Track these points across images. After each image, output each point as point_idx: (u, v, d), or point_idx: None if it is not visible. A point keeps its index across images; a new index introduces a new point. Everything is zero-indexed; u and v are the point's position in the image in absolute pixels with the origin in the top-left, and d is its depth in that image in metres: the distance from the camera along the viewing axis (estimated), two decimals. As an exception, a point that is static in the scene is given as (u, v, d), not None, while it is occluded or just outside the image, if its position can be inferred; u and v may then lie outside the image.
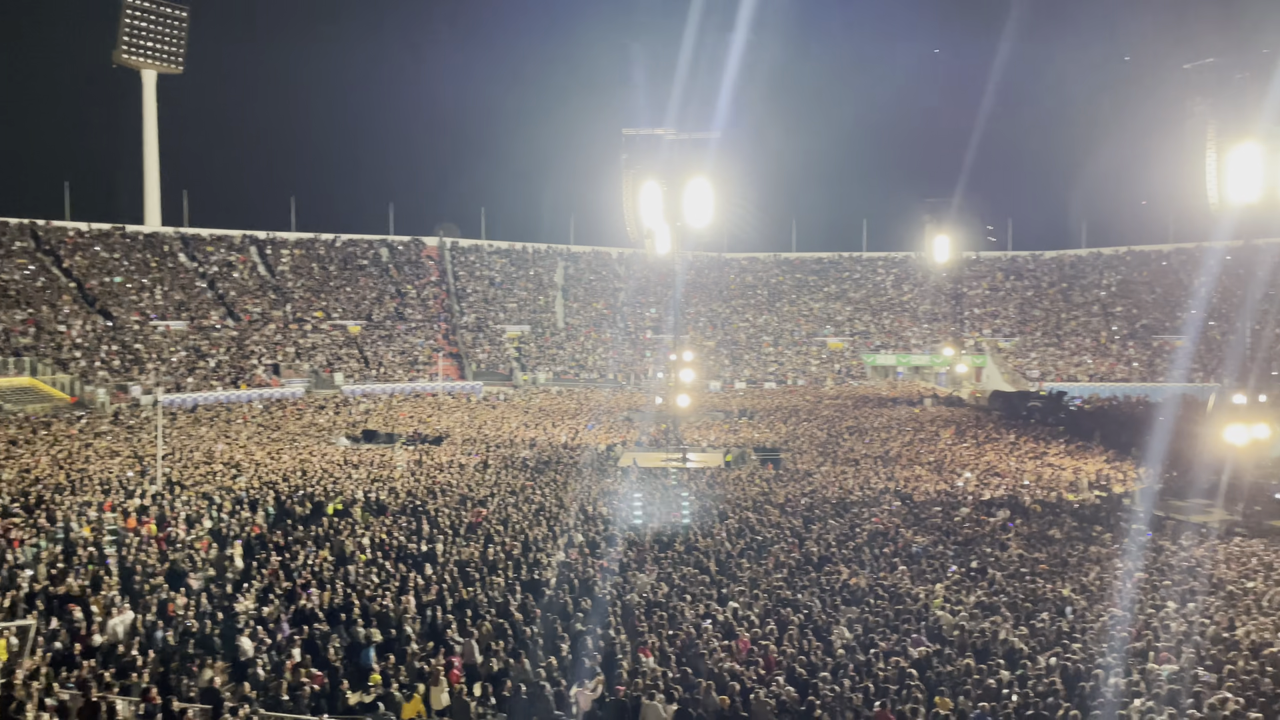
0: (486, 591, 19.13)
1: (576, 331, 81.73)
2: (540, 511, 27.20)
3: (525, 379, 72.41)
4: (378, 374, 67.50)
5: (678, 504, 27.28)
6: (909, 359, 79.87)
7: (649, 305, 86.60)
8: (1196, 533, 26.81)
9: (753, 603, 18.75)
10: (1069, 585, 20.43)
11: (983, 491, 32.70)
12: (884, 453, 40.92)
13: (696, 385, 60.88)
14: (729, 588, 19.76)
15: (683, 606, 18.20)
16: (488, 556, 22.01)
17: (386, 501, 27.95)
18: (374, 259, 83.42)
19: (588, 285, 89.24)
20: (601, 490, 31.14)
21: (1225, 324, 75.74)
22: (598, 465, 36.89)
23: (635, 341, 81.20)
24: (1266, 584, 20.97)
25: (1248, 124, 29.99)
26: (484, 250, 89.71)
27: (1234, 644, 16.55)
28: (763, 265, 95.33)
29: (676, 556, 22.38)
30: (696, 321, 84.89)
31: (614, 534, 24.29)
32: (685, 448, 41.79)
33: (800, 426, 48.85)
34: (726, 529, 25.38)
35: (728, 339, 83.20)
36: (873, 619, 17.68)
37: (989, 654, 15.76)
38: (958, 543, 24.58)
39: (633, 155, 42.91)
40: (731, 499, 29.98)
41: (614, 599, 18.66)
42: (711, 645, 15.92)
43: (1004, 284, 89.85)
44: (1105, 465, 37.86)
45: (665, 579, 20.30)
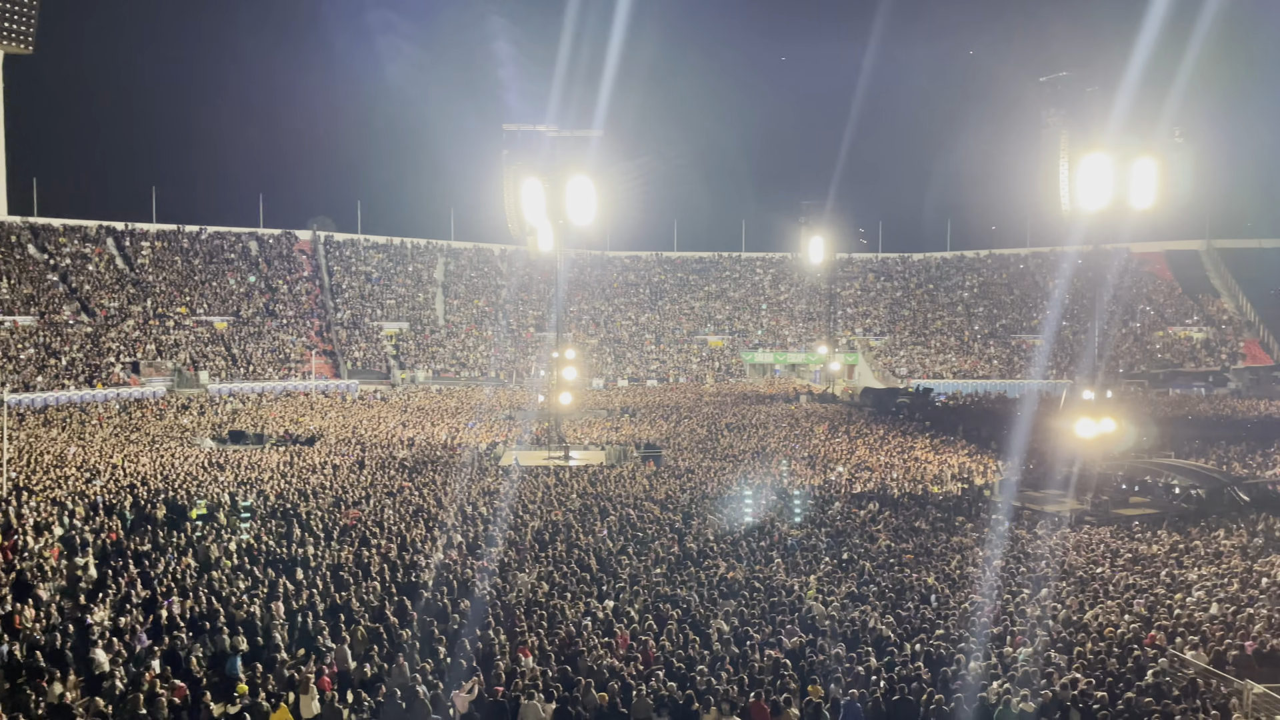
0: (361, 595, 18.65)
1: (457, 329, 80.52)
2: (418, 512, 26.69)
3: (404, 377, 70.89)
4: (246, 372, 64.88)
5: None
6: (786, 357, 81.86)
7: (531, 302, 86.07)
8: (1050, 522, 28.40)
9: (633, 599, 18.87)
10: (933, 574, 21.33)
11: (854, 485, 33.80)
12: (761, 448, 41.82)
13: (579, 383, 60.77)
14: (609, 585, 19.84)
15: (563, 605, 18.17)
16: (362, 559, 21.46)
17: (255, 505, 26.90)
18: (242, 252, 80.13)
19: (469, 282, 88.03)
20: (482, 490, 30.78)
21: (1077, 324, 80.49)
22: (478, 464, 36.44)
23: (518, 339, 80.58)
24: (1112, 569, 22.39)
25: (1097, 135, 31.94)
26: (360, 245, 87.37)
27: (1083, 627, 17.61)
28: (645, 264, 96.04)
29: (557, 555, 22.32)
30: (579, 319, 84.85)
31: (494, 534, 24.04)
32: (568, 445, 41.72)
33: (681, 423, 49.45)
34: (608, 526, 25.47)
35: (610, 337, 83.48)
36: (749, 611, 18.05)
37: (859, 642, 16.31)
38: (830, 535, 25.33)
39: (513, 151, 42.49)
40: (613, 496, 30.10)
41: (493, 599, 18.48)
42: (591, 643, 15.95)
43: (875, 285, 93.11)
44: (967, 459, 39.69)
45: (546, 578, 20.22)
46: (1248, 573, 21.69)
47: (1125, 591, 20.08)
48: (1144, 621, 17.88)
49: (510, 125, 42.19)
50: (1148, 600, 19.32)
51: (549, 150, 41.71)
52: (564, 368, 46.34)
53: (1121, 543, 25.64)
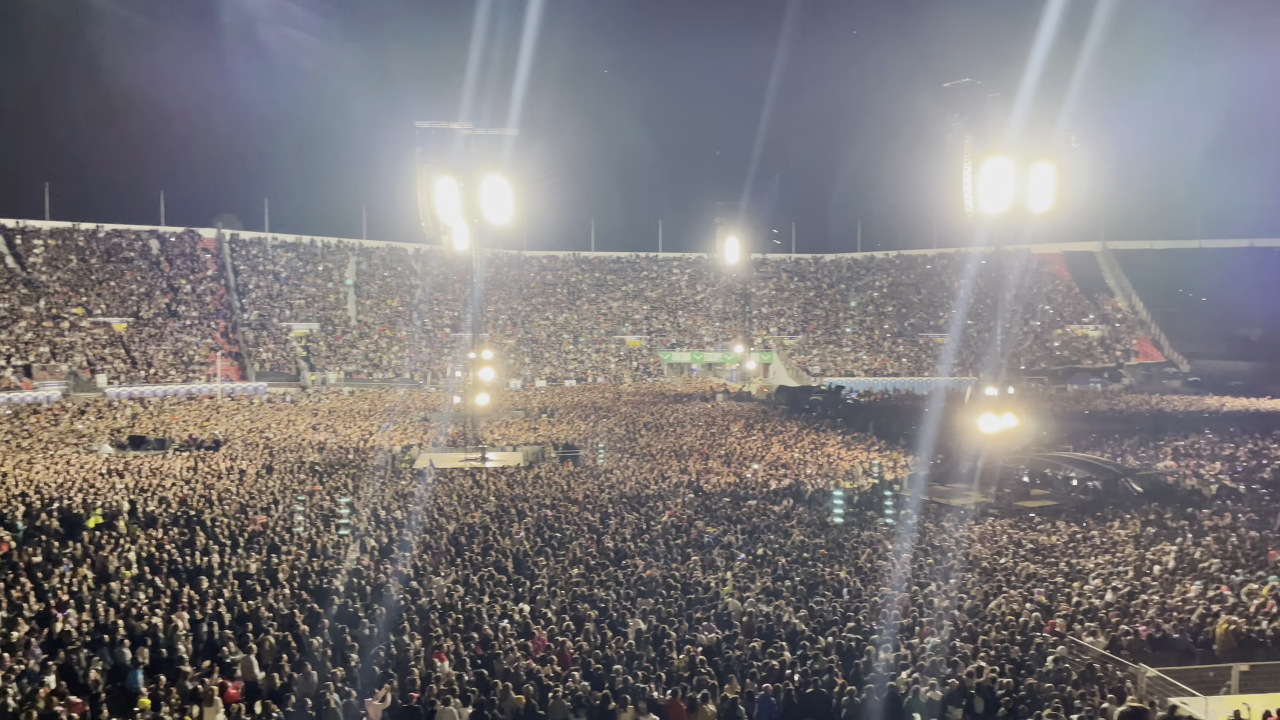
0: (269, 604, 18.16)
1: (370, 329, 79.01)
2: (329, 517, 26.10)
3: (314, 379, 69.24)
4: (147, 375, 62.51)
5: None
6: (703, 356, 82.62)
7: (447, 303, 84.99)
8: (956, 515, 29.27)
9: (550, 600, 18.81)
10: (845, 568, 21.77)
11: (769, 482, 34.29)
12: (679, 447, 42.11)
13: (496, 384, 60.23)
14: (526, 587, 19.73)
15: (479, 608, 17.99)
16: (271, 567, 20.89)
17: (156, 512, 25.94)
18: (142, 251, 77.21)
19: (382, 281, 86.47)
20: (396, 493, 30.27)
21: (981, 323, 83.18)
22: (392, 467, 35.83)
23: (433, 340, 79.48)
24: (1015, 560, 23.20)
25: (997, 140, 33.06)
26: (268, 244, 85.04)
27: (988, 616, 18.20)
28: (562, 264, 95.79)
29: (474, 557, 22.10)
30: (496, 319, 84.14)
31: (408, 538, 23.68)
32: (484, 447, 41.32)
33: (599, 423, 49.46)
34: (525, 528, 25.32)
35: (528, 337, 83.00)
36: (666, 609, 18.15)
37: (773, 636, 16.55)
38: (746, 531, 25.65)
39: (427, 149, 41.86)
40: (531, 497, 29.94)
41: (407, 604, 18.19)
42: (508, 645, 15.83)
43: (788, 285, 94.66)
44: (877, 454, 40.63)
45: (462, 581, 20.01)
46: (1140, 560, 22.71)
47: (1027, 581, 20.82)
48: (1044, 609, 18.58)
49: (423, 122, 41.56)
50: (1048, 589, 20.08)
51: (463, 148, 41.24)
52: (481, 368, 45.88)
53: (1023, 534, 26.58)
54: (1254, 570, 21.74)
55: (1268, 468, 35.89)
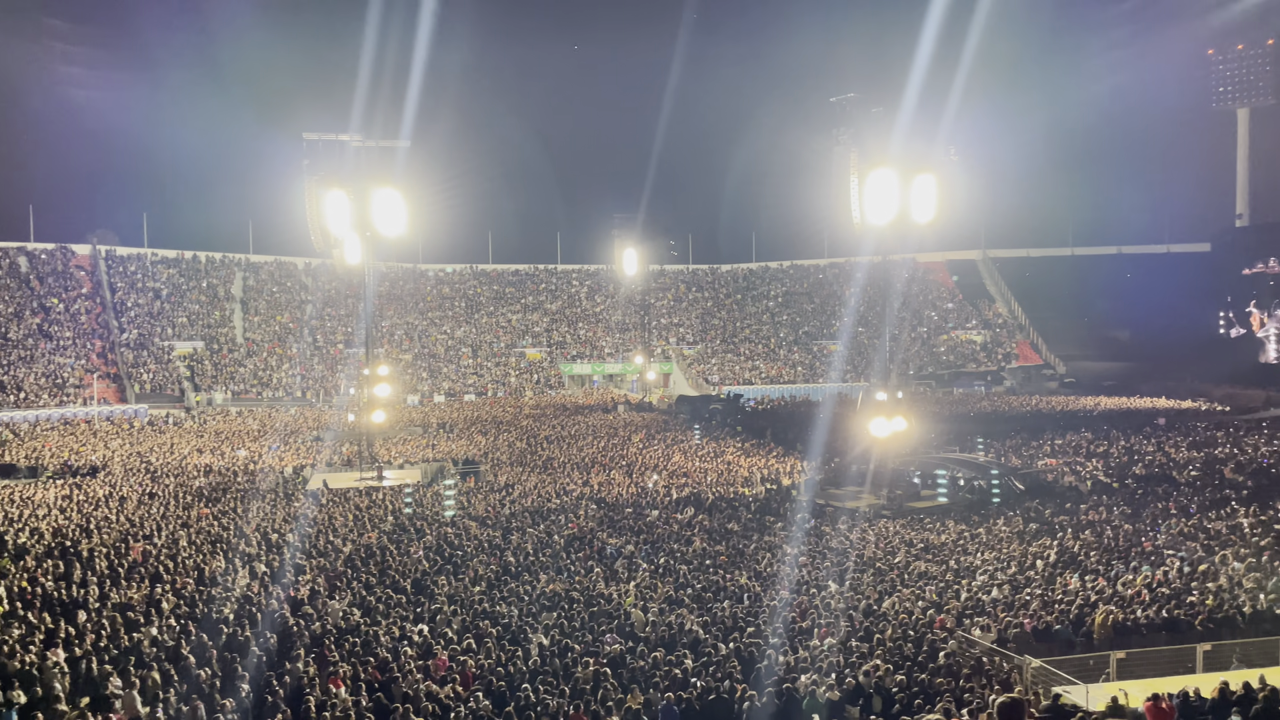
0: (153, 636, 17.34)
1: (259, 347, 76.44)
2: (217, 542, 25.11)
3: (199, 400, 66.55)
4: (16, 399, 59.03)
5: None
6: (603, 367, 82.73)
7: (340, 318, 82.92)
8: (850, 517, 30.04)
9: (451, 619, 18.51)
10: (745, 574, 22.09)
11: (671, 491, 34.53)
12: (581, 459, 42.02)
13: (393, 400, 59.06)
14: (426, 606, 19.37)
15: (377, 630, 17.58)
16: (154, 597, 19.96)
17: (28, 544, 24.51)
18: (10, 269, 72.97)
19: (270, 297, 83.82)
20: (288, 515, 29.32)
21: (871, 330, 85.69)
22: (283, 489, 34.70)
23: (325, 356, 77.39)
24: (906, 559, 23.94)
25: (882, 153, 34.22)
26: (147, 260, 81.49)
27: (882, 615, 18.72)
28: (459, 276, 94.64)
29: (370, 579, 21.58)
30: (392, 334, 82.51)
31: (301, 561, 22.97)
32: (381, 465, 40.40)
33: (500, 437, 48.97)
34: (424, 546, 24.87)
35: (425, 351, 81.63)
36: (569, 623, 18.08)
37: (675, 645, 16.66)
38: (648, 542, 25.76)
39: (315, 161, 40.92)
40: (430, 515, 29.42)
41: (300, 630, 17.63)
42: (408, 667, 15.50)
43: (686, 295, 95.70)
44: (774, 461, 41.38)
45: (358, 604, 19.51)
46: (1024, 556, 23.73)
47: (919, 580, 21.51)
48: (935, 606, 19.22)
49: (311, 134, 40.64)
50: (938, 586, 20.78)
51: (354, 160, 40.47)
52: (376, 384, 44.90)
53: (914, 533, 27.46)
54: (1129, 561, 22.95)
55: (1139, 463, 37.96)
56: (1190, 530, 25.92)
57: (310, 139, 40.69)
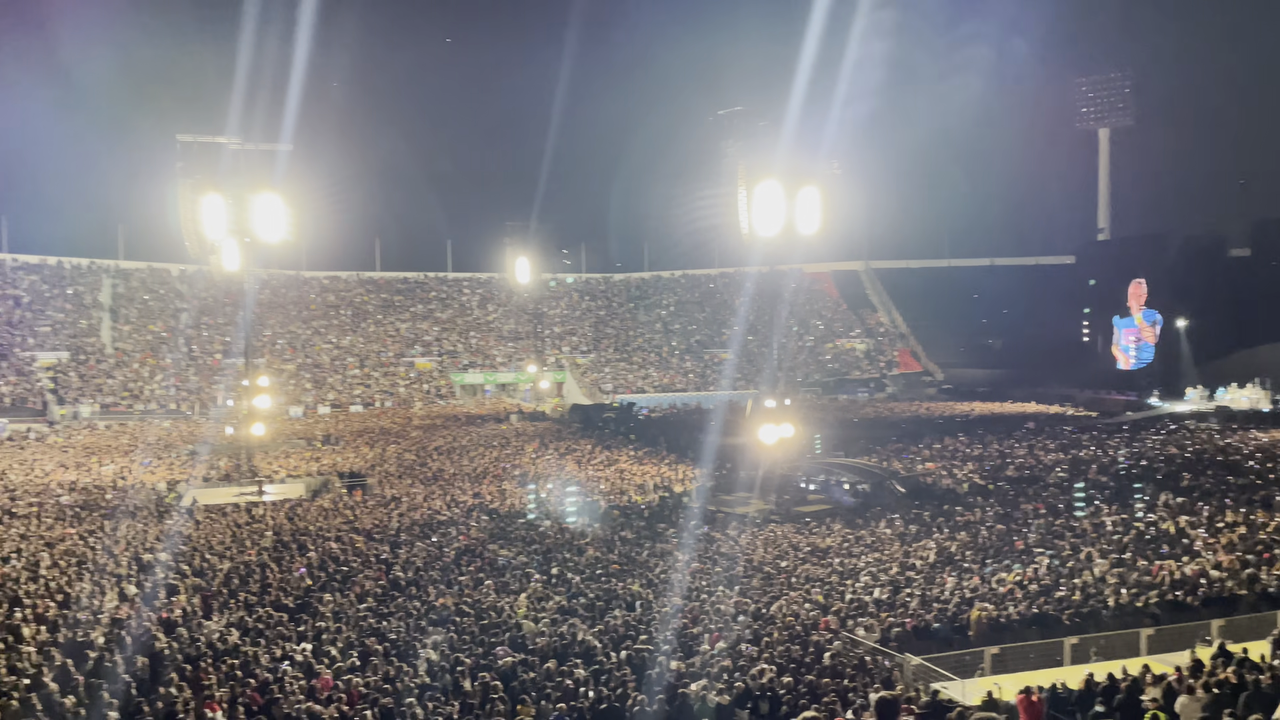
0: (12, 664, 16.26)
1: (130, 357, 72.84)
2: (83, 564, 23.76)
3: (64, 414, 62.94)
4: None
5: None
6: (496, 377, 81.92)
7: (217, 327, 79.76)
8: (740, 523, 30.52)
9: (336, 637, 17.97)
10: (638, 581, 22.17)
11: (563, 501, 34.40)
12: (472, 470, 41.47)
13: (274, 412, 57.16)
14: (309, 625, 18.76)
15: (256, 651, 16.91)
16: (13, 622, 18.73)
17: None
18: None
19: (142, 305, 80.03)
20: (161, 534, 27.98)
21: (760, 338, 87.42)
22: (156, 507, 33.11)
23: (202, 367, 74.28)
24: (794, 563, 24.45)
25: (768, 165, 34.95)
26: (7, 265, 76.77)
27: (770, 619, 19.05)
28: (345, 284, 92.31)
29: (250, 598, 20.78)
30: (274, 344, 79.82)
31: (175, 582, 21.94)
32: (261, 480, 39.02)
33: (389, 449, 47.91)
34: (308, 563, 24.09)
35: (309, 361, 79.24)
36: (459, 637, 17.80)
37: (568, 655, 16.58)
38: (540, 552, 25.59)
39: (190, 164, 39.21)
40: (314, 530, 28.53)
41: (173, 653, 16.83)
42: (290, 689, 14.96)
43: (580, 304, 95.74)
44: (667, 468, 41.72)
45: (237, 624, 18.74)
46: (905, 556, 24.54)
47: (805, 582, 21.99)
48: (821, 608, 19.68)
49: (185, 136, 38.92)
50: (824, 588, 21.29)
51: (231, 163, 38.97)
52: (256, 396, 43.40)
53: (802, 537, 28.08)
54: (1001, 560, 23.99)
55: (1010, 465, 39.77)
56: (1058, 529, 27.27)
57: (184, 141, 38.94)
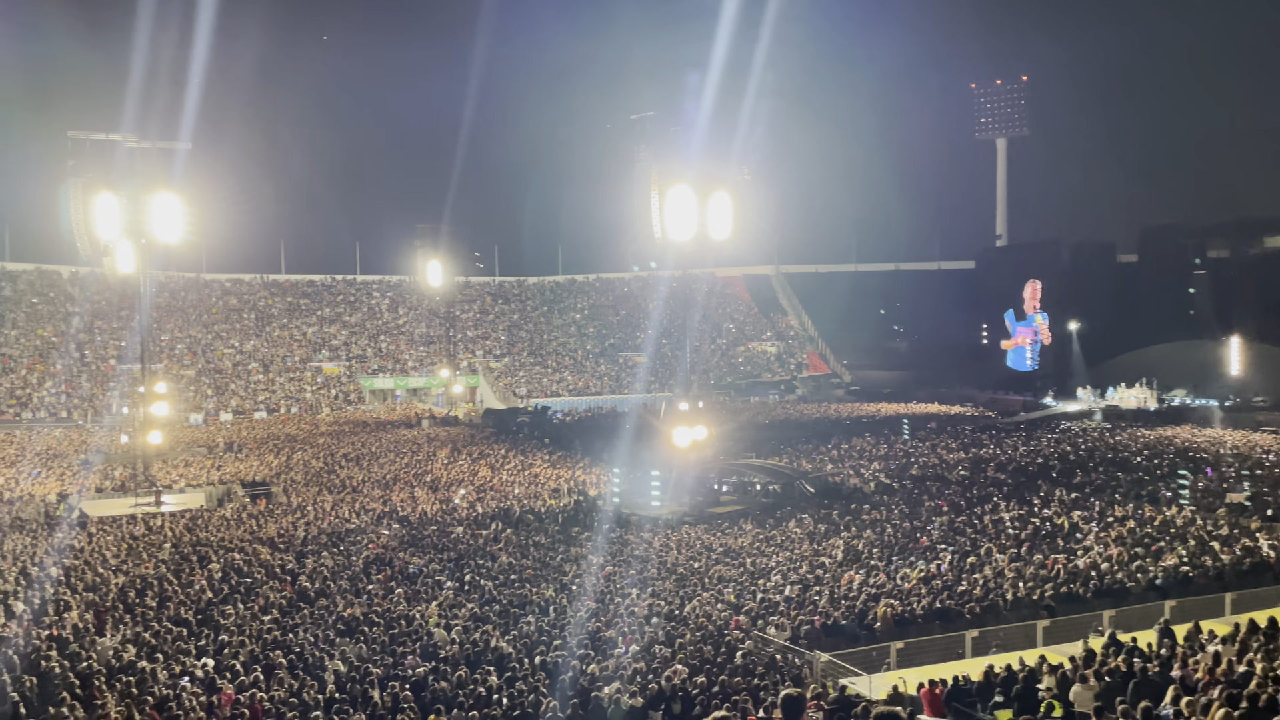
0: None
1: (16, 364, 69.35)
2: (-35, 582, 22.52)
3: (-56, 422, 59.55)
4: None
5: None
6: (407, 381, 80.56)
7: (112, 331, 76.52)
8: (655, 525, 30.68)
9: (239, 650, 17.43)
10: (552, 586, 22.10)
11: (476, 506, 34.08)
12: (382, 477, 40.72)
13: (173, 419, 55.16)
14: (210, 639, 18.16)
15: (154, 668, 16.29)
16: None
17: None
18: None
19: (30, 309, 76.29)
20: (51, 547, 26.72)
21: (674, 342, 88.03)
22: (44, 519, 31.60)
23: (95, 373, 71.15)
24: (707, 564, 24.69)
25: (680, 170, 35.28)
26: (-122, 265, 72.31)
27: (683, 620, 19.20)
28: (249, 287, 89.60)
29: (147, 612, 20.00)
30: (172, 349, 76.97)
31: (66, 597, 20.98)
32: (160, 490, 37.59)
33: (295, 456, 46.67)
34: (208, 574, 23.32)
35: (210, 367, 76.65)
36: (368, 647, 17.47)
37: (481, 663, 16.42)
38: (452, 559, 25.30)
39: (82, 161, 37.57)
40: (215, 541, 27.63)
41: (65, 671, 16.08)
42: (189, 705, 14.46)
43: (493, 307, 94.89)
44: (581, 472, 41.68)
45: (133, 640, 18.02)
46: (814, 555, 25.03)
47: (718, 583, 22.24)
48: (733, 608, 19.93)
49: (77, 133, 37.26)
50: (736, 588, 21.56)
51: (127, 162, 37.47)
52: (153, 403, 41.81)
53: (714, 538, 28.38)
54: (906, 557, 24.68)
55: (915, 465, 40.93)
56: (960, 525, 28.18)
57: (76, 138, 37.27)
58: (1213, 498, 31.89)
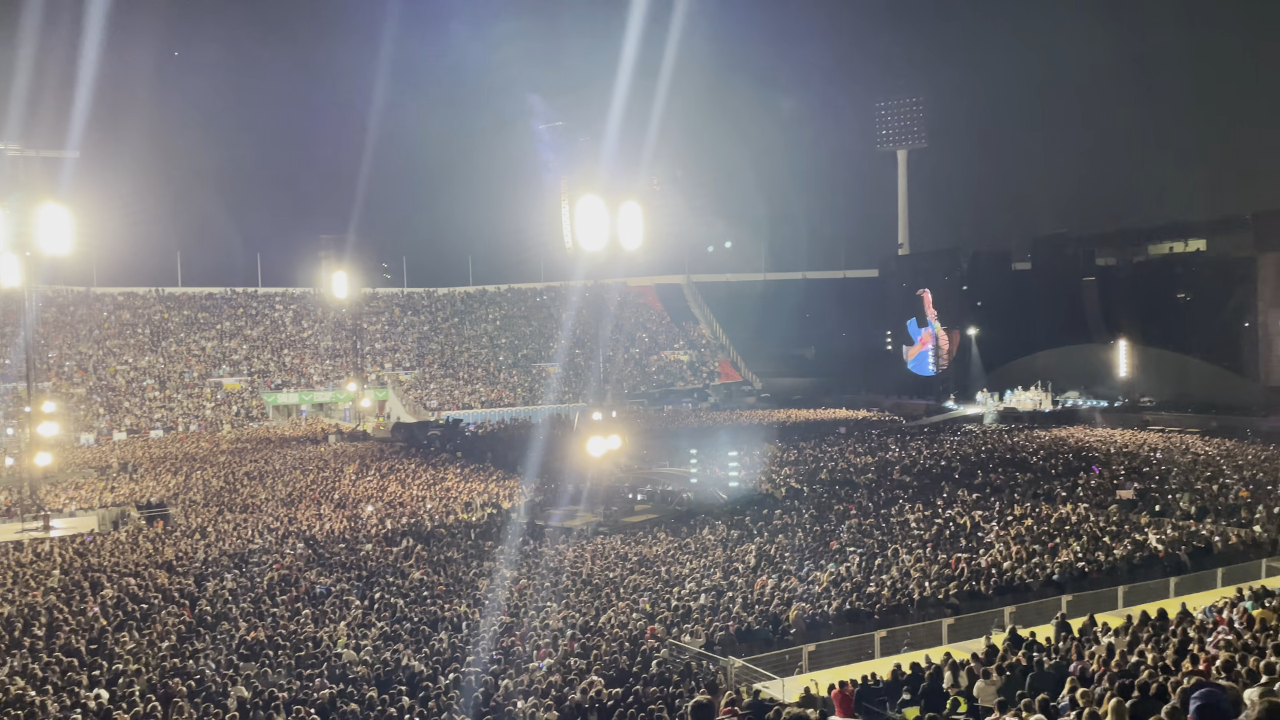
0: None
1: (-113, 383, 65.25)
2: None
3: None
4: None
5: None
6: (312, 396, 78.54)
7: (-6, 348, 72.64)
8: (570, 536, 30.55)
9: (135, 680, 16.69)
10: (465, 602, 21.78)
11: (385, 523, 33.39)
12: (287, 495, 39.57)
13: (62, 440, 52.65)
14: (104, 669, 17.33)
15: (45, 700, 15.47)
16: None
17: None
18: None
19: (-97, 325, 71.92)
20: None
21: (587, 351, 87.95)
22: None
23: (-24, 392, 67.41)
24: (622, 573, 24.69)
25: (590, 180, 35.33)
26: None
27: (599, 631, 19.14)
28: (143, 301, 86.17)
29: (35, 644, 18.99)
30: (60, 366, 73.48)
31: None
32: (48, 514, 35.78)
33: (194, 476, 44.99)
34: (102, 601, 22.28)
35: (102, 384, 73.42)
36: (273, 671, 16.92)
37: (391, 683, 16.07)
38: (361, 577, 24.73)
39: (-42, 170, 35.71)
40: (109, 567, 26.41)
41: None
42: (80, 740, 13.78)
43: (402, 319, 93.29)
44: (495, 485, 41.24)
45: (20, 672, 17.09)
46: (728, 561, 25.26)
47: (633, 592, 22.25)
48: (649, 617, 19.95)
49: (-48, 140, 35.39)
50: (651, 597, 21.61)
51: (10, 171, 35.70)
52: (40, 423, 39.82)
53: (629, 547, 28.41)
54: (817, 560, 25.11)
55: (824, 469, 41.71)
56: (868, 528, 28.82)
57: (-47, 145, 35.44)
58: (1104, 495, 33.36)
